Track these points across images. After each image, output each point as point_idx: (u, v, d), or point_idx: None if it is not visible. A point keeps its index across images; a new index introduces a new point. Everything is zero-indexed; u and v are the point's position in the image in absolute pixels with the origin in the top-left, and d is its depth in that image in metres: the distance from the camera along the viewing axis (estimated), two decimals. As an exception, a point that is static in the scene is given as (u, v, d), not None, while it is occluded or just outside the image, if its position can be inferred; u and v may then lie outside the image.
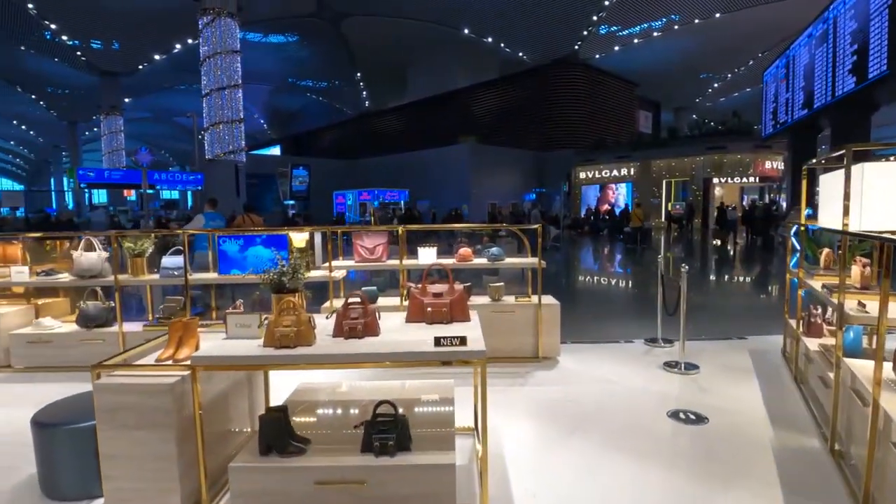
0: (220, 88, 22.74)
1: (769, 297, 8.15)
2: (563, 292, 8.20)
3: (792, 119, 15.36)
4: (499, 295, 4.23)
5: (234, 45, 22.63)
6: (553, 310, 4.14)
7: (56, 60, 31.57)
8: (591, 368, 4.06)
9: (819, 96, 13.05)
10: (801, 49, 14.41)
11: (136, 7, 26.33)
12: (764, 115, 18.72)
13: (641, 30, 28.81)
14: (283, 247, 4.05)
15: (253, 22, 30.22)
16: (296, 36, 35.81)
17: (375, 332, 2.28)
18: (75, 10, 26.01)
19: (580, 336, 5.08)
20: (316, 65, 39.13)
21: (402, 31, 31.90)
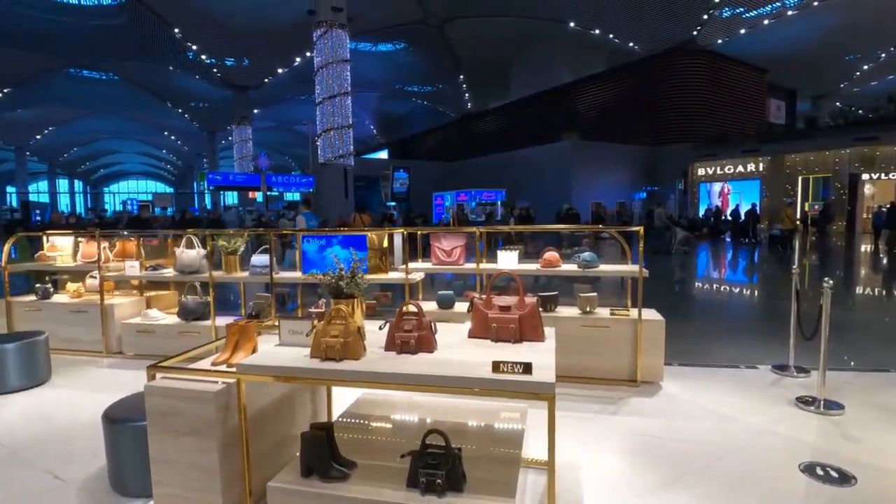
0: (331, 96, 24.12)
1: None
2: (674, 303, 7.35)
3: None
4: (591, 307, 3.74)
5: (344, 55, 23.88)
6: (656, 327, 3.56)
7: (197, 78, 35.67)
8: (701, 398, 3.43)
9: None
10: None
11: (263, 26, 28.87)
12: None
13: (773, 9, 25.59)
14: (362, 247, 3.94)
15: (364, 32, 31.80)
16: (403, 43, 37.11)
17: (430, 348, 2.00)
18: (212, 32, 29.14)
19: (690, 357, 4.39)
20: (421, 70, 40.27)
21: (505, 31, 31.64)
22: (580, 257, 3.71)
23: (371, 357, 1.97)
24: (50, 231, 5.33)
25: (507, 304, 2.16)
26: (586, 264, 3.68)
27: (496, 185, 26.33)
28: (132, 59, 31.93)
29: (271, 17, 28.09)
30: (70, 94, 36.20)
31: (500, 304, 2.16)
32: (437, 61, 37.94)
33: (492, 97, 40.50)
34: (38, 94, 34.65)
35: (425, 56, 37.70)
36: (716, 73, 28.88)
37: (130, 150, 56.73)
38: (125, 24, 28.17)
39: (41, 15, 26.33)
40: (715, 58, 28.73)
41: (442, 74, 40.21)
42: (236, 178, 21.11)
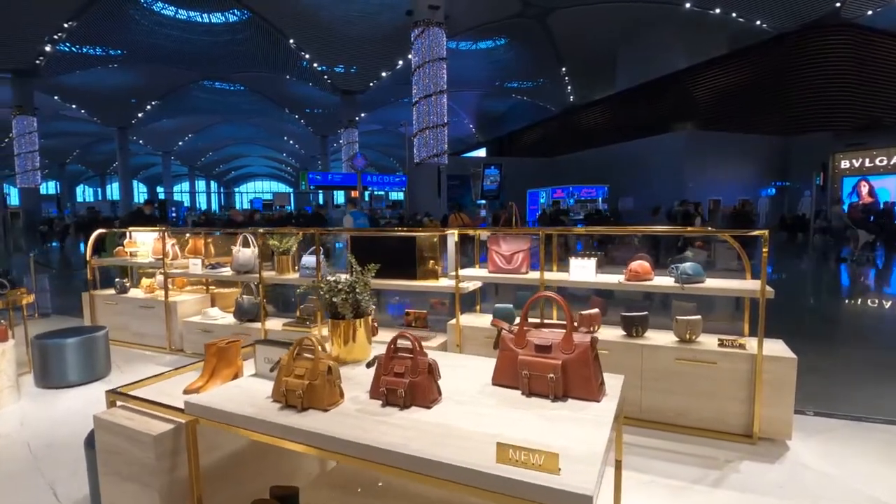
0: (426, 96, 24.19)
1: None
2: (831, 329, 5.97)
3: None
4: (692, 333, 2.88)
5: (440, 53, 23.79)
6: (784, 366, 2.62)
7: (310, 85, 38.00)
8: (845, 470, 2.45)
9: None
10: None
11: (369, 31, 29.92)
12: None
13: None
14: (410, 249, 3.45)
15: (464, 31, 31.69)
16: (503, 39, 36.48)
17: (427, 401, 1.42)
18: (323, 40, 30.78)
19: (835, 403, 3.32)
20: (522, 65, 39.42)
21: (611, 17, 29.72)
22: (679, 268, 2.86)
23: (345, 408, 1.44)
24: (133, 228, 5.52)
25: (547, 342, 1.50)
26: (687, 278, 2.82)
27: (598, 180, 24.66)
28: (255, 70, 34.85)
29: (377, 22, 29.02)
30: (204, 103, 40.49)
31: (539, 341, 1.51)
32: (539, 55, 36.85)
33: (596, 89, 38.52)
34: (178, 104, 39.12)
35: (526, 51, 36.78)
36: (864, 49, 24.48)
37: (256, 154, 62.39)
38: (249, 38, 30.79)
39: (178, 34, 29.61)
40: (863, 32, 24.38)
41: (543, 68, 39.05)
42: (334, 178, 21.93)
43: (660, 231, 4.74)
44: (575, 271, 3.10)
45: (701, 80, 29.98)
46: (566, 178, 26.31)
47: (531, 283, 3.13)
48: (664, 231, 4.51)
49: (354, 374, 1.74)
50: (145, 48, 29.49)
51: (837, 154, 22.85)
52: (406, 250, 3.47)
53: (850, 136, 22.56)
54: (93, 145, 47.69)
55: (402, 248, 3.50)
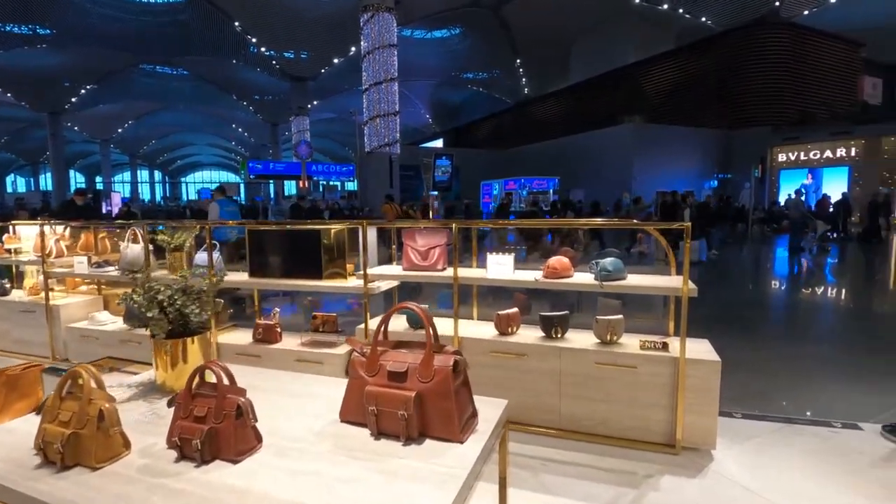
0: (377, 83, 23.54)
1: None
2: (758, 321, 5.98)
3: None
4: (613, 334, 2.66)
5: (391, 40, 23.17)
6: (707, 370, 2.43)
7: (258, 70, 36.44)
8: (771, 482, 2.29)
9: None
10: None
11: (319, 15, 28.85)
12: None
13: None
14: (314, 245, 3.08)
15: (418, 19, 31.10)
16: (458, 28, 36.12)
17: (233, 453, 1.08)
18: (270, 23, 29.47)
19: (760, 405, 3.20)
20: (477, 56, 39.23)
21: (565, 10, 29.88)
22: (598, 265, 2.63)
23: (125, 464, 1.08)
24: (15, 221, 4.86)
25: (404, 367, 1.18)
26: (606, 275, 2.60)
27: (550, 172, 24.78)
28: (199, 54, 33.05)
29: (327, 6, 28.01)
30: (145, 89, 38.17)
31: (393, 366, 1.19)
32: (494, 46, 36.77)
33: (550, 81, 38.83)
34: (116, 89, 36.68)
35: (481, 41, 36.61)
36: (801, 48, 25.60)
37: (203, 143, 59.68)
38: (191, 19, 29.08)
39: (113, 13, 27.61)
40: (800, 31, 25.49)
41: (498, 60, 39.06)
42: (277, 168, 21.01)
43: (581, 224, 4.52)
44: (492, 268, 2.82)
45: (650, 75, 30.64)
46: (519, 169, 26.34)
47: (446, 280, 2.83)
48: (586, 224, 4.27)
49: (170, 411, 1.37)
50: (77, 27, 27.35)
51: (775, 147, 23.85)
52: (309, 246, 3.10)
53: (786, 130, 23.58)
54: (24, 132, 44.19)
55: (304, 244, 3.13)
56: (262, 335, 3.21)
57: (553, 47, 35.48)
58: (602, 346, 2.65)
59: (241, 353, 3.17)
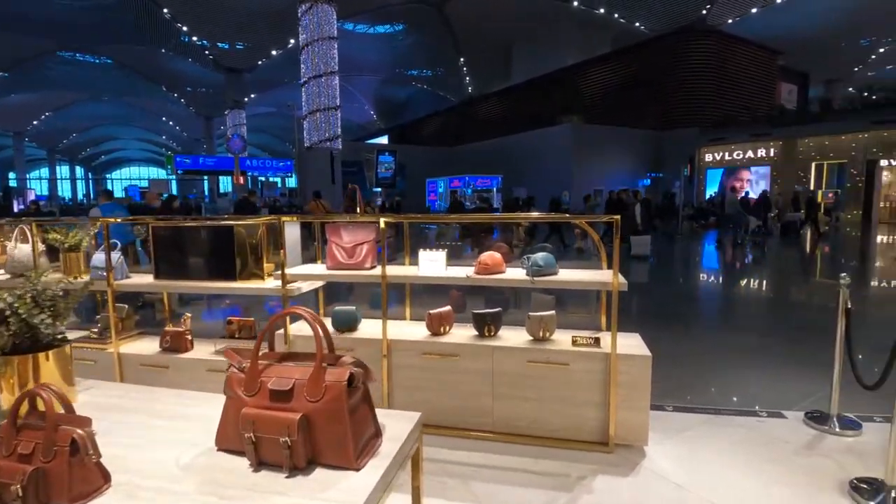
0: (316, 76, 22.83)
1: None
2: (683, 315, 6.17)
3: None
4: (545, 330, 2.58)
5: (330, 32, 22.53)
6: (638, 365, 2.40)
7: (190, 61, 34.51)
8: (703, 477, 2.28)
9: None
10: None
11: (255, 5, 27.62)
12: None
13: (787, -13, 24.02)
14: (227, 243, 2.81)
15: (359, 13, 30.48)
16: (401, 24, 35.76)
17: (64, 499, 0.86)
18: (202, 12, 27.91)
19: (690, 396, 3.25)
20: (421, 53, 39.07)
21: (506, 11, 30.23)
22: (529, 259, 2.54)
23: None
24: None
25: (290, 383, 1.00)
26: (537, 270, 2.51)
27: (493, 170, 25.02)
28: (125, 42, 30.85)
29: (264, -6, 26.92)
30: (64, 78, 35.25)
31: (276, 384, 1.00)
32: (437, 44, 36.72)
33: (493, 81, 39.24)
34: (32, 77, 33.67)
35: (425, 38, 36.47)
36: (725, 54, 27.30)
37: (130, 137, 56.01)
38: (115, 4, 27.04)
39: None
40: (724, 38, 27.16)
41: (442, 58, 39.06)
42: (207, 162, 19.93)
43: (512, 218, 4.48)
44: (424, 265, 2.66)
45: (587, 77, 31.63)
46: (464, 167, 26.43)
47: (374, 279, 2.65)
48: (515, 218, 4.25)
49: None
50: (-16, 10, 24.84)
51: (702, 148, 25.23)
52: (222, 245, 2.82)
53: (712, 131, 25.00)
54: (-75, 124, 39.76)
55: (217, 243, 2.85)
56: (170, 343, 2.90)
57: (495, 47, 35.89)
58: (535, 344, 2.56)
59: (147, 363, 2.85)
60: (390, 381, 2.63)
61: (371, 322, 2.89)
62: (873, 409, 2.79)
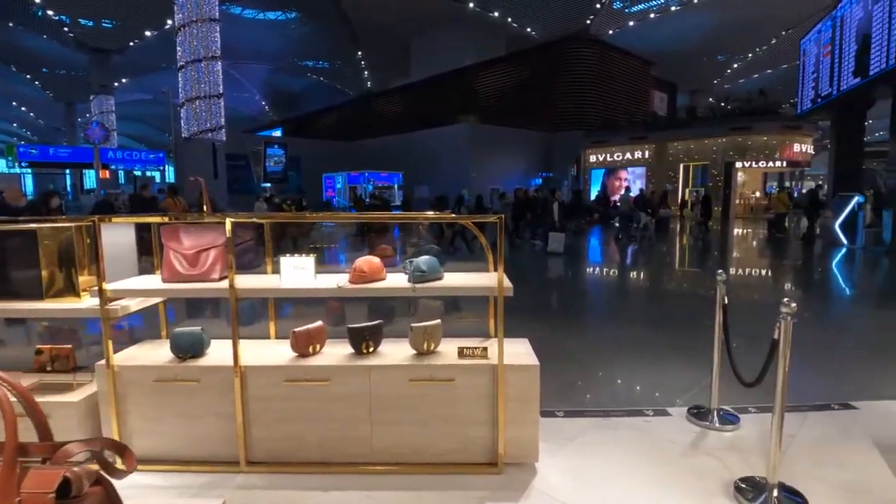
0: (195, 60, 20.85)
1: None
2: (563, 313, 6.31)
3: (838, 90, 13.13)
4: (430, 342, 2.32)
5: (212, 14, 20.66)
6: (526, 376, 2.21)
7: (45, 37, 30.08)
8: (596, 491, 2.15)
9: (877, 61, 10.84)
10: (853, 6, 12.14)
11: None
12: (801, 89, 16.44)
13: (658, 5, 26.42)
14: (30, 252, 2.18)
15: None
16: (294, 12, 33.96)
17: None
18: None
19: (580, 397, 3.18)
20: (316, 44, 37.53)
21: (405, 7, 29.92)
22: (412, 264, 2.26)
23: None
24: None
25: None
26: (420, 276, 2.24)
27: (395, 167, 24.65)
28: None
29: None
30: None
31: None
32: (334, 35, 35.48)
33: (392, 77, 38.80)
34: None
35: (320, 28, 35.04)
36: (607, 62, 29.46)
37: (-28, 122, 47.86)
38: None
39: None
40: (606, 48, 29.28)
41: (339, 50, 37.87)
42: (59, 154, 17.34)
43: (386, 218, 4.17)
44: (287, 274, 2.26)
45: (484, 78, 32.43)
46: (364, 163, 25.75)
47: (222, 293, 2.19)
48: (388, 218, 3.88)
49: None
50: None
51: (587, 149, 26.98)
52: (22, 254, 2.20)
53: (595, 134, 26.81)
54: None
55: (15, 252, 2.21)
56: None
57: (394, 44, 35.49)
58: (418, 359, 2.28)
59: None
60: (246, 416, 2.20)
61: (226, 344, 2.43)
62: (748, 401, 2.89)
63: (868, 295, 7.28)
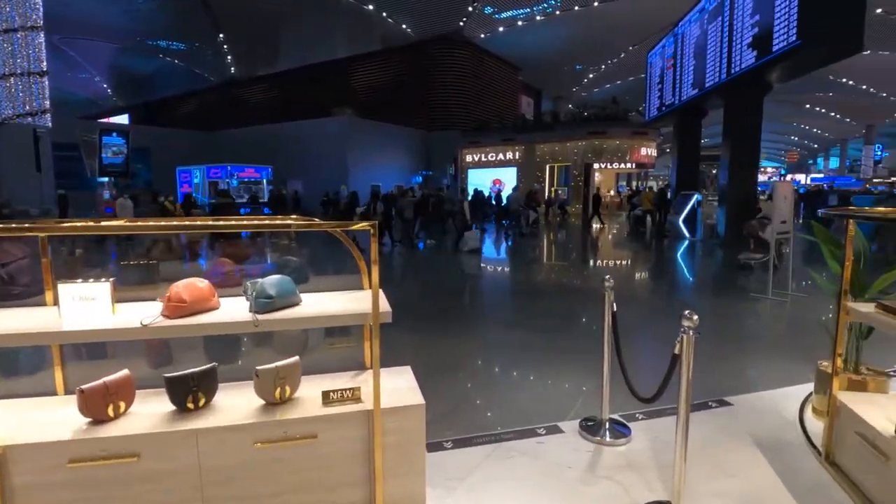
0: (9, 30, 17.21)
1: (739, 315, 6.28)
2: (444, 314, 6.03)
3: (680, 100, 14.75)
4: (285, 388, 1.80)
5: (27, -27, 17.13)
6: (410, 417, 1.81)
7: None
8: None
9: (711, 75, 12.31)
10: (691, 25, 13.68)
11: None
12: (648, 98, 18.27)
13: (525, 14, 27.77)
14: None
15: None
16: (141, -15, 29.82)
17: None
18: None
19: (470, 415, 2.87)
20: (169, 22, 33.39)
21: (271, -7, 27.82)
22: (255, 286, 1.73)
23: None
24: None
25: None
26: (266, 303, 1.71)
27: (264, 161, 22.75)
28: None
29: None
30: None
31: None
32: (190, 15, 31.82)
33: (260, 64, 36.04)
34: None
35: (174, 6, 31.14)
36: (480, 65, 30.35)
37: None
38: None
39: None
40: (479, 51, 30.11)
41: (198, 32, 34.14)
42: None
43: (222, 227, 3.57)
44: (70, 310, 1.59)
45: (359, 71, 31.50)
46: (226, 155, 23.37)
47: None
48: (223, 227, 3.34)
49: None
50: None
51: (463, 149, 27.56)
52: None
53: (471, 134, 27.47)
54: None
55: None
56: None
57: (261, 29, 33.01)
58: (268, 412, 1.75)
59: None
60: (0, 522, 1.50)
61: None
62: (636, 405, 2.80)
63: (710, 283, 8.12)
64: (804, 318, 5.50)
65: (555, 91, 39.30)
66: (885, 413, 2.06)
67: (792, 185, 6.97)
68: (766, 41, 9.50)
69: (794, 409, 2.92)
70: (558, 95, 39.68)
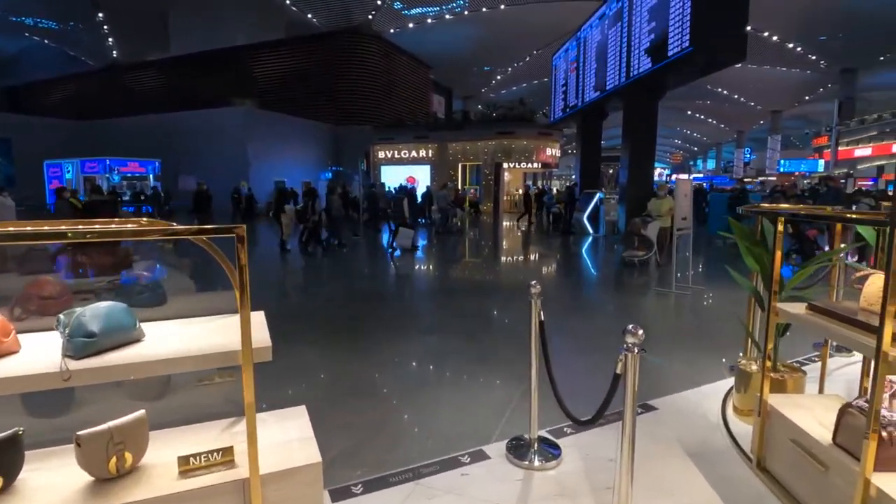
0: None
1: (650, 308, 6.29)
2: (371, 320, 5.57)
3: (583, 102, 15.32)
4: (121, 458, 1.30)
5: None
6: (302, 481, 1.39)
7: None
8: None
9: (612, 78, 12.86)
10: (593, 30, 14.23)
11: None
12: (553, 100, 18.87)
13: (434, 12, 27.66)
14: None
15: None
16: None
17: None
18: None
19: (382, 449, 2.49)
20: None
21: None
22: (69, 320, 1.22)
23: None
24: None
25: None
26: (85, 344, 1.20)
27: (150, 154, 20.49)
28: None
29: None
30: None
31: None
32: (63, -11, 28.10)
33: (147, 48, 32.68)
34: None
35: (41, -23, 27.33)
36: (390, 60, 29.76)
37: None
38: None
39: None
40: (389, 46, 29.53)
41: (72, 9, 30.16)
42: None
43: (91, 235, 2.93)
44: None
45: (261, 61, 29.62)
46: (105, 147, 20.75)
47: None
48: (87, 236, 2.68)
49: None
50: None
51: (375, 146, 26.89)
52: None
53: (383, 131, 26.87)
54: None
55: None
56: None
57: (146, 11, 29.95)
58: (97, 493, 1.25)
59: None
60: None
61: None
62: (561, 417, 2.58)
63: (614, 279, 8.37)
64: (709, 312, 5.76)
65: (465, 91, 39.74)
66: (816, 417, 1.98)
67: (692, 183, 7.31)
68: (661, 47, 10.03)
69: (717, 410, 2.87)
70: (468, 95, 40.16)
